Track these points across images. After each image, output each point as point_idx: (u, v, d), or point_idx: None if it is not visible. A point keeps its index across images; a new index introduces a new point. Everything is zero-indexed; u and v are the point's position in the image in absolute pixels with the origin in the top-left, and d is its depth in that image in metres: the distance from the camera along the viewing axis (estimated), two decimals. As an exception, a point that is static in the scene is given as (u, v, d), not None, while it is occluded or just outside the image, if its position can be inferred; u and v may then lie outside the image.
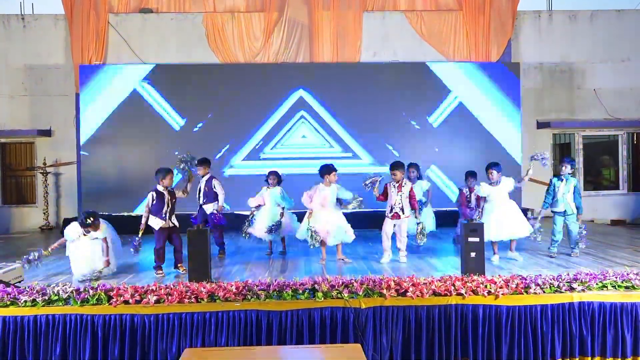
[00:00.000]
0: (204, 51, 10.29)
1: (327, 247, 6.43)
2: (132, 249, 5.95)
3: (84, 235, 5.82)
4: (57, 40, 10.36)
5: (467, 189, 7.24)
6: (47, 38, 10.34)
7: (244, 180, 9.70)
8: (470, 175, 7.27)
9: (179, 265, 6.03)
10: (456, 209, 7.60)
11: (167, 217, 5.97)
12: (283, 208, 6.80)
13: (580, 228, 6.54)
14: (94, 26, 10.14)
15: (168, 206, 5.95)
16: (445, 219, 8.35)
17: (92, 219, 5.76)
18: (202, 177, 6.94)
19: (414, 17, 10.49)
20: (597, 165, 11.26)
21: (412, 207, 6.41)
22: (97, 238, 5.81)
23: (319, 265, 6.27)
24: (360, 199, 6.32)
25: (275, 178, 6.86)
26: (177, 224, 6.07)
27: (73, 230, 5.84)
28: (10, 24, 10.36)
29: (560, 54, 10.80)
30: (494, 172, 6.38)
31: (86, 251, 5.80)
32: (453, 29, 10.49)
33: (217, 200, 6.87)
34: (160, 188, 6.00)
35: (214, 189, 6.86)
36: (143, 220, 5.96)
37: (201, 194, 6.91)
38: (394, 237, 6.46)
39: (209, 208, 6.86)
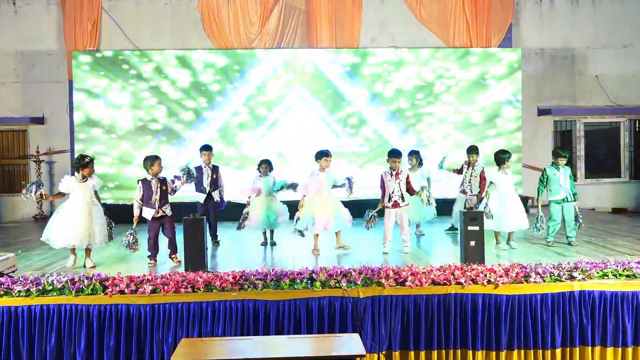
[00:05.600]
0: (198, 37, 10.12)
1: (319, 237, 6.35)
2: (124, 246, 5.76)
3: (79, 181, 5.63)
4: (49, 25, 10.17)
5: (466, 163, 7.25)
6: (39, 23, 10.15)
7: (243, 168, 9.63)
8: (469, 151, 7.27)
9: (172, 256, 5.94)
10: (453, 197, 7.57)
11: (158, 206, 5.83)
12: (292, 186, 6.67)
13: (577, 213, 6.52)
14: (87, 11, 9.94)
15: (157, 194, 5.82)
16: (443, 209, 8.27)
17: (87, 158, 5.68)
18: (207, 164, 6.88)
19: (414, 1, 10.32)
20: (598, 153, 11.20)
21: (411, 193, 6.31)
22: (92, 187, 5.68)
23: (314, 255, 6.20)
24: (347, 181, 6.27)
25: (267, 167, 6.78)
26: (169, 212, 5.91)
27: (66, 182, 5.66)
28: (1, 9, 10.16)
29: (562, 39, 10.67)
30: (508, 159, 6.34)
31: (80, 216, 5.54)
32: (453, 14, 10.32)
33: (220, 188, 6.90)
34: (148, 176, 5.88)
35: (219, 177, 6.90)
36: (136, 213, 5.84)
37: (209, 182, 6.84)
38: (396, 226, 6.39)
39: (215, 195, 6.86)
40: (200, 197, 6.90)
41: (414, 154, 7.36)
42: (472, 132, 9.98)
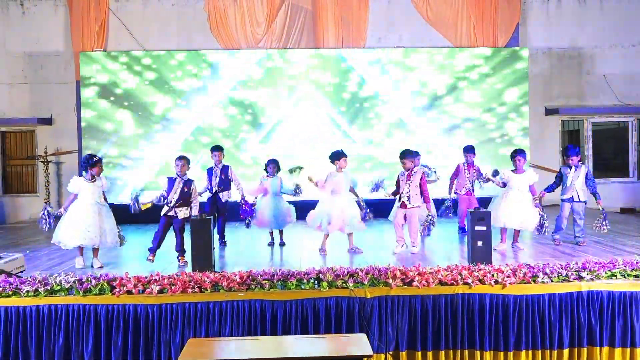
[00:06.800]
0: (205, 37, 10.16)
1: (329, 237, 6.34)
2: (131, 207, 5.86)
3: (89, 181, 5.66)
4: (57, 26, 10.24)
5: (465, 164, 7.21)
6: (46, 24, 10.22)
7: (246, 169, 9.65)
8: (467, 150, 7.23)
9: (179, 258, 5.96)
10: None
11: (173, 205, 5.88)
12: (297, 188, 6.68)
13: (601, 213, 6.44)
14: (95, 12, 10.01)
15: (176, 193, 5.86)
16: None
17: (96, 157, 5.71)
18: (217, 164, 6.92)
19: (420, 1, 10.31)
20: (606, 152, 11.14)
21: (425, 200, 6.27)
22: (101, 187, 5.73)
23: (320, 254, 6.20)
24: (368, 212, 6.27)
25: (275, 167, 6.80)
26: (181, 215, 5.92)
27: (75, 182, 5.69)
28: (9, 10, 10.25)
29: (569, 38, 10.61)
30: (522, 159, 6.32)
31: (90, 215, 5.57)
32: (460, 13, 10.30)
33: (230, 189, 6.92)
34: (175, 175, 5.99)
35: (230, 178, 6.90)
36: (154, 197, 5.95)
37: (217, 182, 6.86)
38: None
39: (224, 196, 6.88)
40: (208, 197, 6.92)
41: (416, 155, 7.32)
42: (478, 132, 9.95)
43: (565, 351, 4.65)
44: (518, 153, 6.36)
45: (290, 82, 9.90)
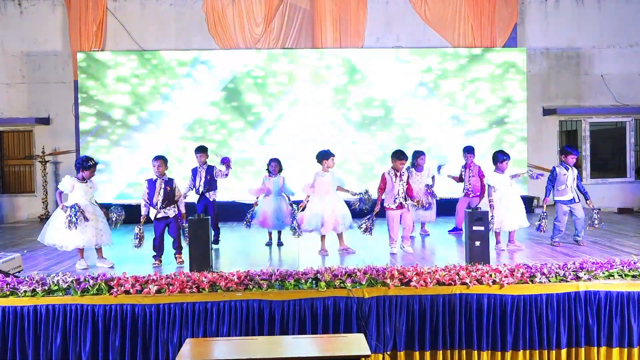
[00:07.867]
0: (203, 37, 10.16)
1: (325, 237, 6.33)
2: (134, 244, 5.79)
3: (80, 181, 5.64)
4: (55, 26, 10.23)
5: (464, 167, 7.26)
6: (44, 24, 10.22)
7: (244, 168, 9.64)
8: (467, 151, 7.23)
9: (176, 255, 5.96)
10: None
11: (160, 206, 5.83)
12: (289, 199, 6.71)
13: (593, 212, 6.43)
14: (92, 12, 10.01)
15: (160, 195, 5.82)
16: (446, 209, 8.26)
17: (92, 161, 5.67)
18: (202, 165, 6.88)
19: (418, 1, 10.32)
20: (604, 153, 11.17)
21: (411, 197, 6.25)
22: (91, 188, 5.70)
23: (319, 255, 6.19)
24: (363, 193, 6.19)
25: (277, 166, 6.76)
26: (170, 214, 5.89)
27: (67, 181, 5.64)
28: (7, 10, 10.23)
29: (567, 39, 10.64)
30: (507, 161, 6.27)
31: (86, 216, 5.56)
32: (457, 13, 10.32)
33: (217, 189, 6.83)
34: (153, 176, 5.92)
35: (216, 176, 6.84)
36: (142, 211, 5.87)
37: (202, 182, 6.83)
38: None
39: (210, 196, 6.81)
40: (195, 198, 6.87)
41: (421, 154, 7.30)
42: (474, 132, 9.96)
43: (563, 351, 4.65)
44: (504, 155, 6.29)
45: (288, 82, 9.90)
